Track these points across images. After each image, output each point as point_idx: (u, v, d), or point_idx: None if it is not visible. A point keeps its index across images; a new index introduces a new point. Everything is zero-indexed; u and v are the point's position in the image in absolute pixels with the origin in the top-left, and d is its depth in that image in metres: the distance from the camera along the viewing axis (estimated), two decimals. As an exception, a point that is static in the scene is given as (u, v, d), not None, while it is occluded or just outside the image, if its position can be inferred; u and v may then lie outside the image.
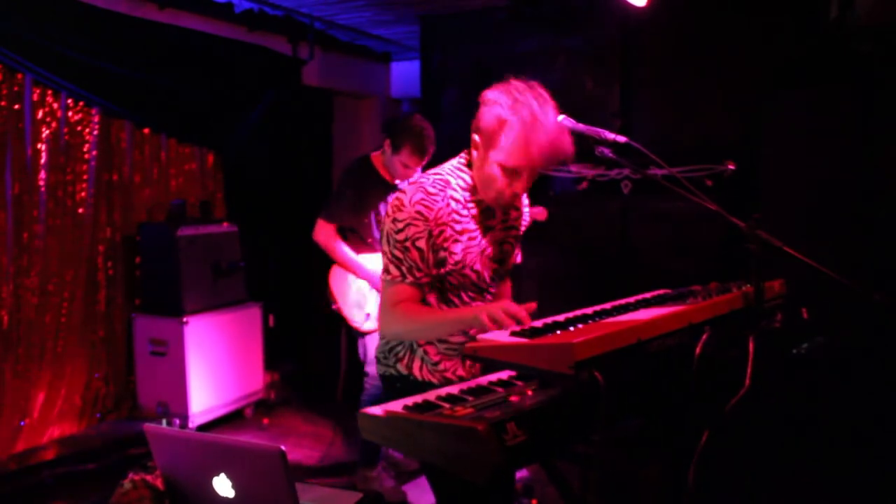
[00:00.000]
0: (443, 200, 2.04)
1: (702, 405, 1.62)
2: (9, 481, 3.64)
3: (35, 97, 4.15)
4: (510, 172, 1.98)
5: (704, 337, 1.68)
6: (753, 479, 2.58)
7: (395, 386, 2.19)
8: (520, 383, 1.78)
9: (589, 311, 1.93)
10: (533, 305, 1.83)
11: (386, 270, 2.06)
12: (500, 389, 1.75)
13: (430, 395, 1.71)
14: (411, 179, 3.56)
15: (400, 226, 2.01)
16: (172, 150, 5.03)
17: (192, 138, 5.14)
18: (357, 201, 3.55)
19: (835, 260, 1.83)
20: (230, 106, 5.29)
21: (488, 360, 1.67)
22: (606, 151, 1.94)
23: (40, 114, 4.19)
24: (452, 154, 2.20)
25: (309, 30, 5.60)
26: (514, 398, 1.63)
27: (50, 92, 4.22)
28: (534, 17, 4.81)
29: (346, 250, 3.60)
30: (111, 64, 4.40)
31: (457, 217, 2.07)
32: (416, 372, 2.16)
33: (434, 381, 2.15)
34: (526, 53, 4.81)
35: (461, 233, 2.08)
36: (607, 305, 1.99)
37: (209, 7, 5.05)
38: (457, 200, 2.08)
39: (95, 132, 4.48)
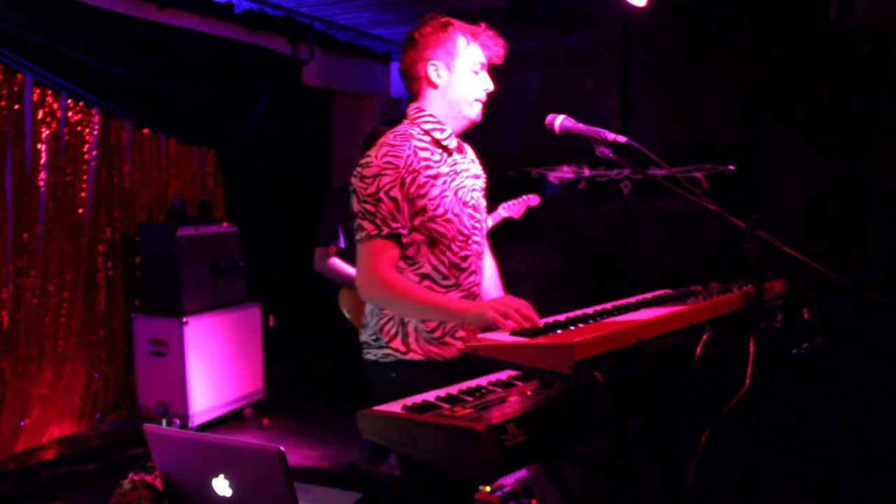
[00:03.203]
0: (409, 149, 2.05)
1: (702, 405, 1.62)
2: (9, 481, 3.64)
3: (35, 97, 4.15)
4: (478, 69, 2.16)
5: (705, 337, 1.67)
6: (753, 479, 2.58)
7: (389, 375, 2.09)
8: (520, 383, 1.78)
9: (589, 311, 1.93)
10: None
11: (359, 229, 2.00)
12: (499, 389, 1.75)
13: (430, 396, 1.71)
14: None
15: (369, 180, 1.99)
16: (172, 150, 5.03)
17: (192, 138, 5.14)
18: (342, 221, 3.61)
19: (835, 260, 1.83)
20: (230, 106, 5.29)
21: (488, 360, 1.66)
22: (606, 151, 1.93)
23: (40, 114, 4.19)
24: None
25: (309, 30, 5.60)
26: (513, 398, 1.62)
27: (50, 92, 4.22)
28: (534, 17, 4.80)
29: (344, 267, 3.63)
30: (111, 64, 4.40)
31: (426, 163, 2.07)
32: (414, 345, 2.08)
33: (436, 350, 2.08)
34: (526, 53, 4.81)
35: (434, 177, 2.07)
36: (607, 305, 1.99)
37: (209, 7, 5.05)
38: (423, 148, 2.09)
39: (95, 132, 4.48)
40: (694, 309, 1.81)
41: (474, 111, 2.19)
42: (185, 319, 4.44)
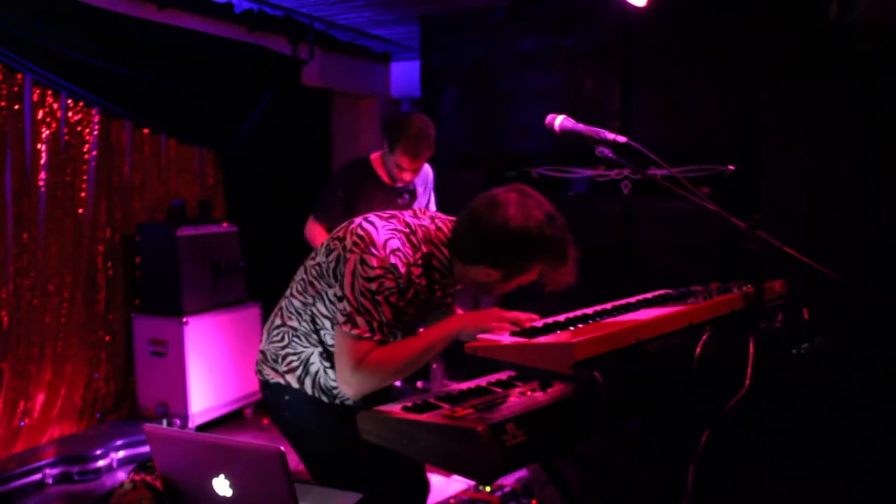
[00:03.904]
0: (413, 257, 1.88)
1: (702, 405, 1.62)
2: (9, 481, 3.64)
3: (35, 97, 4.15)
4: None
5: (705, 337, 1.67)
6: (753, 479, 2.58)
7: (283, 397, 2.04)
8: (520, 383, 1.78)
9: (589, 311, 1.93)
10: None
11: (350, 321, 1.79)
12: (499, 390, 1.75)
13: (430, 396, 1.71)
14: (403, 184, 3.54)
15: (371, 273, 1.80)
16: (172, 150, 5.03)
17: (192, 138, 5.13)
18: (348, 202, 3.54)
19: (835, 260, 1.83)
20: (230, 106, 5.29)
21: (488, 360, 1.66)
22: (606, 151, 1.93)
23: (40, 114, 4.18)
24: (453, 153, 2.18)
25: (309, 30, 5.60)
26: (513, 398, 1.63)
27: (50, 92, 4.22)
28: (534, 17, 4.80)
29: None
30: (111, 64, 4.39)
31: (417, 281, 1.91)
32: (308, 388, 2.02)
33: (324, 399, 2.03)
34: (526, 53, 4.81)
35: (418, 296, 1.93)
36: (607, 305, 1.99)
37: (209, 7, 5.05)
38: (418, 275, 1.92)
39: (95, 132, 4.47)
40: (694, 309, 1.81)
41: (469, 291, 2.06)
42: (185, 319, 4.44)
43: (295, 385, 2.04)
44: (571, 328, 1.70)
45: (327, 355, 2.00)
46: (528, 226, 1.83)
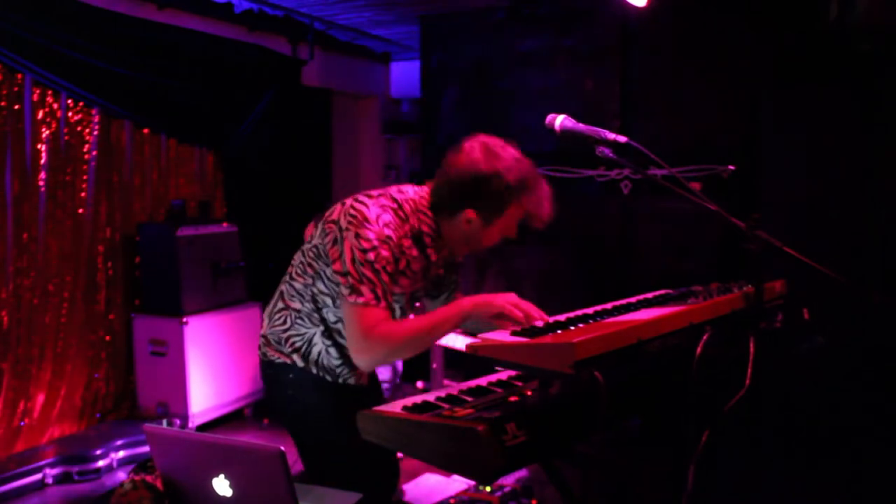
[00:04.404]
0: (403, 229, 1.99)
1: (702, 405, 1.62)
2: (9, 481, 3.64)
3: (35, 97, 4.15)
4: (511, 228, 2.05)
5: (705, 337, 1.67)
6: (753, 479, 2.58)
7: (287, 376, 2.11)
8: (520, 383, 1.78)
9: (590, 311, 1.93)
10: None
11: (355, 292, 1.89)
12: (499, 389, 1.75)
13: (430, 396, 1.71)
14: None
15: (367, 245, 1.90)
16: (172, 150, 5.03)
17: (192, 138, 5.13)
18: None
19: (835, 260, 1.83)
20: (230, 106, 5.29)
21: (488, 360, 1.66)
22: (606, 151, 1.93)
23: (40, 114, 4.18)
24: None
25: (309, 30, 5.60)
26: (513, 398, 1.62)
27: (50, 92, 4.22)
28: (534, 17, 4.80)
29: None
30: (111, 64, 4.39)
31: (408, 252, 2.02)
32: (311, 367, 2.10)
33: (328, 378, 2.11)
34: (526, 53, 4.81)
35: (404, 268, 2.03)
36: (608, 305, 1.99)
37: (209, 7, 5.06)
38: (409, 244, 2.02)
39: (95, 132, 4.47)
40: (694, 309, 1.81)
41: (482, 250, 2.13)
42: (185, 319, 4.44)
43: (300, 364, 2.10)
44: (572, 328, 1.70)
45: (329, 333, 2.08)
46: (494, 165, 1.97)
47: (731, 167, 4.15)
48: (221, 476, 1.58)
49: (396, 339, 1.91)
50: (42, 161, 4.19)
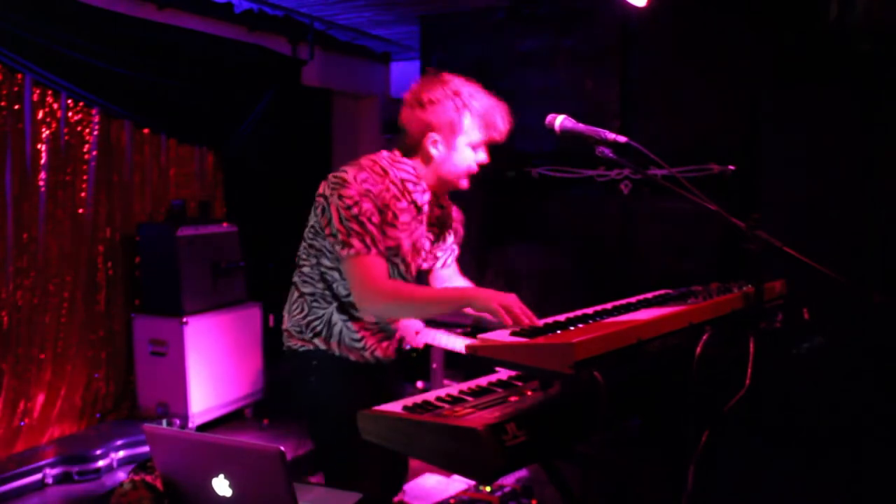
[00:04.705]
0: (382, 184, 2.11)
1: (702, 405, 1.62)
2: (9, 481, 3.64)
3: (35, 97, 4.15)
4: (478, 145, 2.17)
5: (705, 337, 1.67)
6: (753, 479, 2.58)
7: (310, 363, 2.19)
8: (520, 383, 1.78)
9: (589, 311, 1.93)
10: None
11: (346, 245, 2.03)
12: (499, 389, 1.75)
13: (430, 396, 1.71)
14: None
15: (349, 202, 2.03)
16: (172, 150, 5.03)
17: (192, 138, 5.13)
18: None
19: (835, 260, 1.83)
20: (230, 106, 5.29)
21: (488, 360, 1.66)
22: (606, 151, 1.93)
23: (40, 114, 4.18)
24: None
25: (309, 30, 5.60)
26: (513, 398, 1.62)
27: (50, 92, 4.22)
28: (534, 17, 4.80)
29: None
30: (111, 64, 4.39)
31: (395, 203, 2.13)
32: (335, 347, 2.18)
33: (352, 357, 2.18)
34: (526, 53, 4.81)
35: (396, 222, 2.14)
36: (608, 305, 1.99)
37: (209, 7, 5.05)
38: (394, 195, 2.14)
39: (95, 132, 4.47)
40: (694, 309, 1.81)
41: (462, 183, 2.23)
42: (185, 319, 4.44)
43: (323, 347, 2.18)
44: (571, 328, 1.70)
45: (343, 308, 2.16)
46: (438, 85, 2.13)
47: (732, 167, 4.16)
48: (221, 476, 1.58)
49: (399, 295, 2.03)
50: (42, 161, 4.19)
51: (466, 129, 2.13)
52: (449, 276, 2.45)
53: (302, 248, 2.24)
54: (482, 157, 2.20)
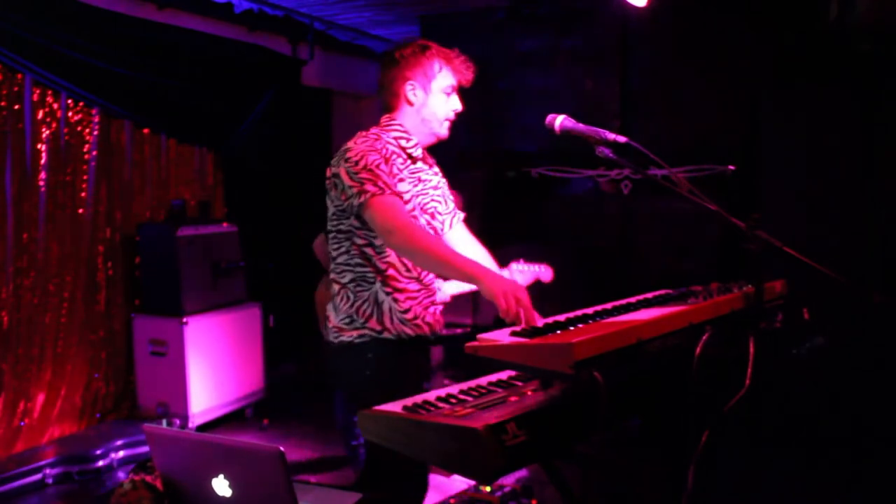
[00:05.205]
0: (381, 143, 2.24)
1: (702, 405, 1.62)
2: (9, 481, 3.64)
3: (35, 97, 4.15)
4: (450, 91, 2.33)
5: (705, 337, 1.67)
6: (753, 479, 2.58)
7: (366, 356, 2.22)
8: (520, 383, 1.78)
9: (589, 311, 1.93)
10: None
11: (361, 193, 2.11)
12: (500, 389, 1.75)
13: (430, 396, 1.71)
14: None
15: (355, 158, 2.15)
16: (172, 150, 5.03)
17: (192, 138, 5.14)
18: None
19: (835, 260, 1.83)
20: (230, 106, 5.29)
21: (488, 360, 1.66)
22: (606, 151, 1.93)
23: (40, 114, 4.19)
24: (453, 153, 2.22)
25: (309, 30, 5.60)
26: (513, 398, 1.62)
27: (50, 92, 4.22)
28: (534, 18, 4.81)
29: None
30: (111, 64, 4.39)
31: (394, 159, 2.26)
32: (389, 324, 2.23)
33: (407, 331, 2.24)
34: (526, 53, 4.81)
35: (400, 180, 2.25)
36: (608, 305, 1.99)
37: (209, 7, 5.05)
38: (393, 150, 2.27)
39: (95, 132, 4.47)
40: (694, 309, 1.81)
41: (443, 129, 2.37)
42: (185, 319, 4.44)
43: (377, 329, 2.23)
44: (571, 328, 1.70)
45: (386, 281, 2.23)
46: (408, 44, 2.33)
47: (732, 167, 4.16)
48: (221, 476, 1.58)
49: (417, 237, 2.08)
50: (42, 161, 4.19)
51: (437, 73, 2.31)
52: (459, 239, 2.50)
53: (331, 241, 2.31)
54: (456, 103, 2.35)
